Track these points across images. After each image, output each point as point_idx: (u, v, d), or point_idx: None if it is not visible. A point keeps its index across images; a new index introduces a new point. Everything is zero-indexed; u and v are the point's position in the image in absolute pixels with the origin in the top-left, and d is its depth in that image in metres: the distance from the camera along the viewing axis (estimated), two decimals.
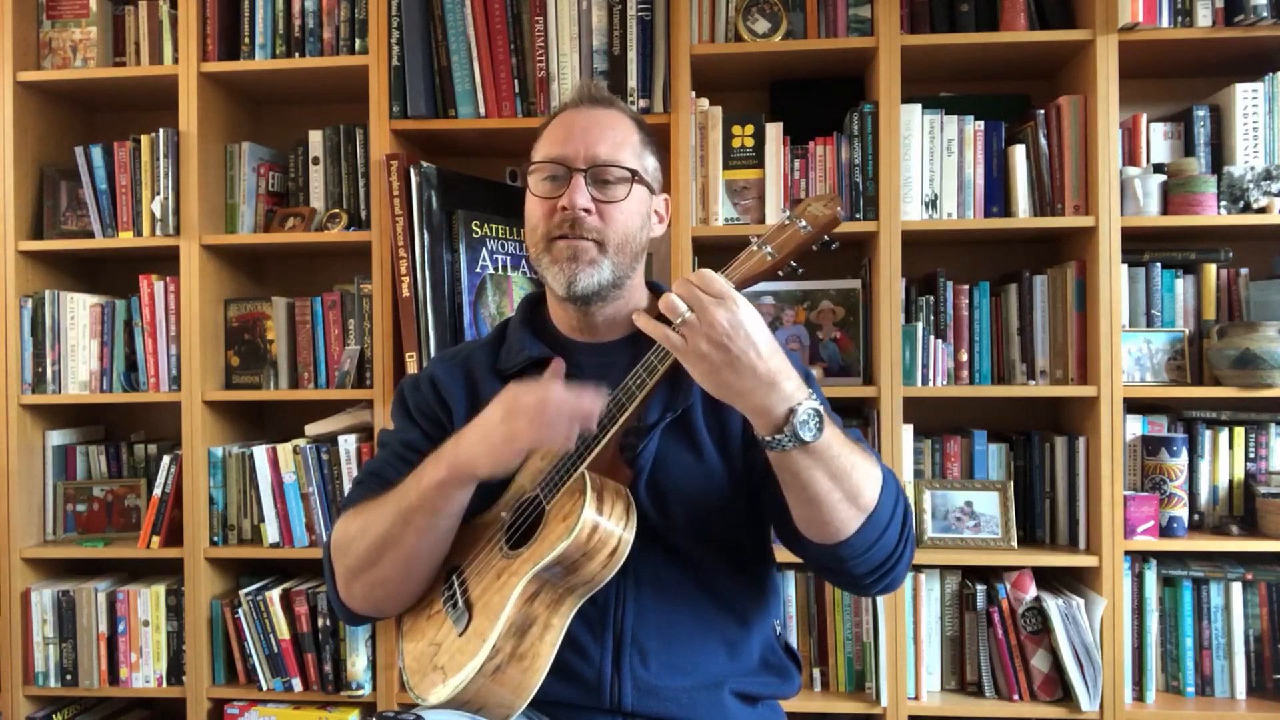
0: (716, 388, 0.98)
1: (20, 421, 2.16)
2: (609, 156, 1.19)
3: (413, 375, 1.34)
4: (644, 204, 1.23)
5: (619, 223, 1.19)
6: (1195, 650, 1.97)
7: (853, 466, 1.02)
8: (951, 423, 2.16)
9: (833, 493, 1.01)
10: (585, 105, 1.24)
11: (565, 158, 1.19)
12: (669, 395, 1.16)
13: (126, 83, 2.20)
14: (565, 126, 1.22)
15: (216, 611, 2.12)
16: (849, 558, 1.06)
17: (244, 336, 2.19)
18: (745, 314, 0.95)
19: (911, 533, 1.12)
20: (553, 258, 1.19)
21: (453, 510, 1.11)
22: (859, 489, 1.03)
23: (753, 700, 1.21)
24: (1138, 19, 1.89)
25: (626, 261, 1.21)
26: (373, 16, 2.05)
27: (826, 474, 1.00)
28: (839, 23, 2.02)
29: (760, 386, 0.96)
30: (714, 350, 0.94)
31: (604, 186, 1.19)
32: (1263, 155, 1.96)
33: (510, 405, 1.03)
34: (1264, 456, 1.99)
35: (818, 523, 1.04)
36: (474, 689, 1.07)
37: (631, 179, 1.20)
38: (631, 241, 1.21)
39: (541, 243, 1.20)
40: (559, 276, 1.19)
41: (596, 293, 1.19)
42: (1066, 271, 1.99)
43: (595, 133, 1.20)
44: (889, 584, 1.12)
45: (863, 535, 1.05)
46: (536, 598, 1.08)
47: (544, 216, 1.20)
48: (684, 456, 1.18)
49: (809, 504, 1.03)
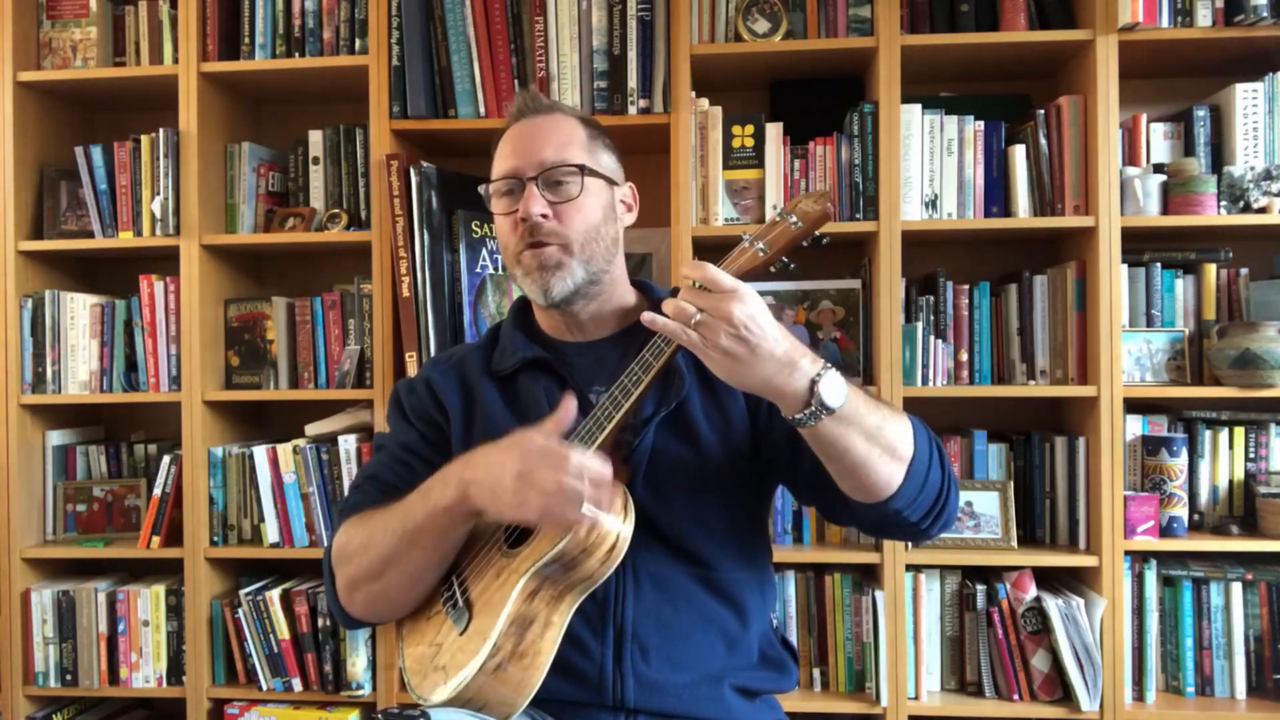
0: (740, 379, 0.99)
1: (20, 421, 2.16)
2: (555, 158, 1.21)
3: (407, 379, 1.35)
4: (602, 196, 1.24)
5: (578, 221, 1.20)
6: (1195, 650, 1.97)
7: (883, 421, 1.03)
8: (951, 423, 2.16)
9: (871, 451, 1.02)
10: (527, 116, 1.26)
11: (516, 170, 1.22)
12: (662, 389, 1.17)
13: (126, 83, 2.20)
14: (511, 140, 1.25)
15: (216, 611, 2.12)
16: (903, 508, 1.07)
17: (244, 336, 2.19)
18: (755, 304, 0.96)
19: (950, 468, 1.13)
20: (524, 270, 1.21)
21: (461, 532, 1.12)
22: (894, 441, 1.04)
23: (752, 694, 1.22)
24: (1138, 19, 1.89)
25: (598, 257, 1.22)
26: (373, 16, 2.05)
27: (861, 434, 1.01)
28: (839, 23, 2.02)
29: (781, 369, 0.97)
30: (736, 344, 0.95)
31: (556, 188, 1.21)
32: (1263, 155, 1.96)
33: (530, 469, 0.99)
34: (1264, 456, 1.99)
35: (865, 485, 1.05)
36: (475, 688, 1.07)
37: (581, 174, 1.21)
38: (597, 237, 1.22)
39: (512, 258, 1.23)
40: (533, 287, 1.21)
41: (575, 293, 1.21)
42: (1066, 271, 1.99)
43: (540, 139, 1.22)
44: (945, 522, 1.13)
45: (910, 483, 1.06)
46: (536, 595, 1.08)
47: (510, 232, 1.22)
48: (680, 450, 1.18)
49: (853, 470, 1.04)
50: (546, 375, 1.24)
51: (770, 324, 0.96)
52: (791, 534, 2.06)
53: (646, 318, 1.00)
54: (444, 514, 1.07)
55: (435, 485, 1.09)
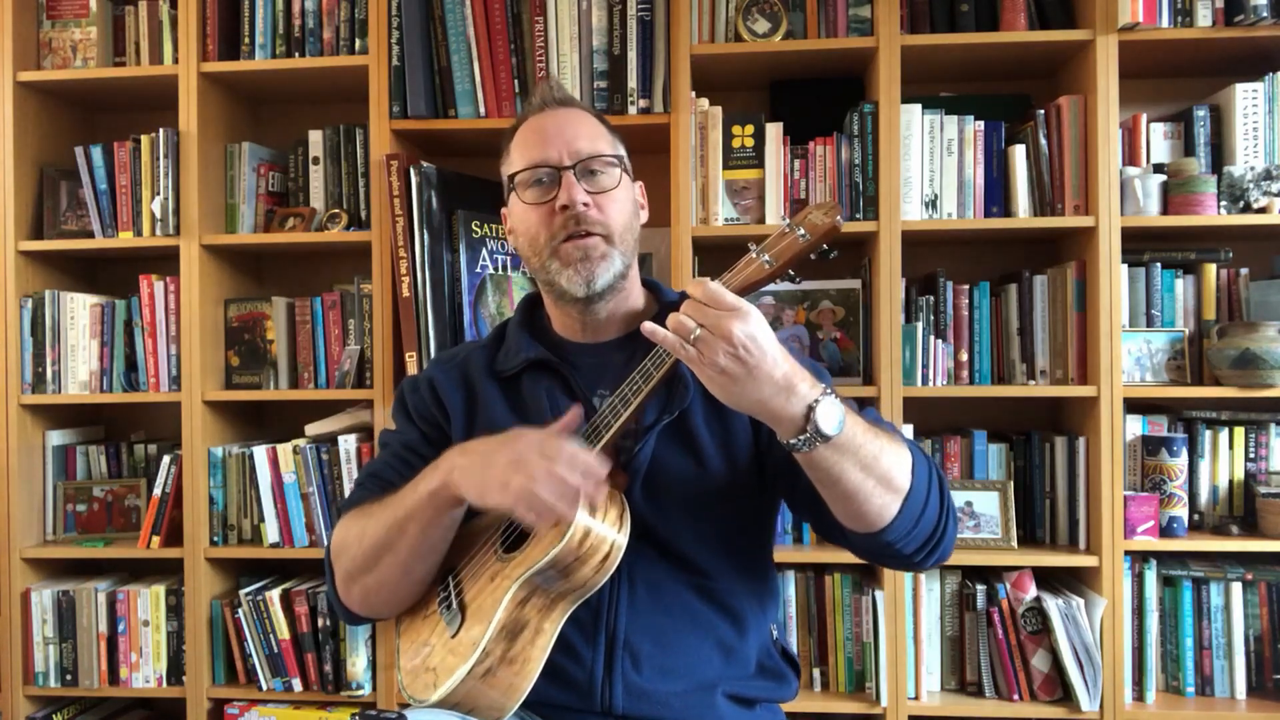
0: (735, 399, 0.97)
1: (20, 421, 2.16)
2: (591, 149, 1.20)
3: (412, 377, 1.34)
4: (631, 191, 1.25)
5: (616, 211, 1.20)
6: (1195, 650, 1.97)
7: (880, 451, 1.01)
8: (951, 423, 2.16)
9: (866, 482, 1.01)
10: (550, 107, 1.24)
11: (549, 159, 1.19)
12: (665, 398, 1.16)
13: (126, 83, 2.20)
14: (538, 130, 1.22)
15: (216, 611, 2.12)
16: (895, 541, 1.05)
17: (244, 336, 2.19)
18: (757, 324, 0.94)
19: (951, 502, 1.11)
20: (563, 261, 1.18)
21: (445, 520, 1.11)
22: (890, 473, 1.02)
23: (749, 703, 1.20)
24: (1138, 19, 1.89)
25: (630, 250, 1.22)
26: (373, 16, 2.05)
27: (856, 465, 0.99)
28: (839, 23, 2.02)
29: (779, 393, 0.96)
30: (732, 363, 0.94)
31: (593, 178, 1.19)
32: (1263, 155, 1.96)
33: (522, 455, 0.99)
34: (1264, 456, 1.99)
35: (858, 514, 1.04)
36: (464, 691, 1.07)
37: (619, 165, 1.21)
38: (631, 228, 1.22)
39: (546, 249, 1.19)
40: (574, 279, 1.18)
41: (611, 286, 1.20)
42: (1066, 271, 1.99)
43: (571, 129, 1.20)
44: (940, 555, 1.12)
45: (904, 517, 1.04)
46: (528, 602, 1.08)
47: (543, 222, 1.19)
48: (681, 459, 1.17)
49: (846, 498, 1.02)
50: (550, 377, 1.23)
51: (771, 345, 0.95)
52: (791, 534, 2.06)
53: (646, 328, 0.99)
54: (429, 499, 1.07)
55: (426, 473, 1.10)
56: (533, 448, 0.99)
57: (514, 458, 0.99)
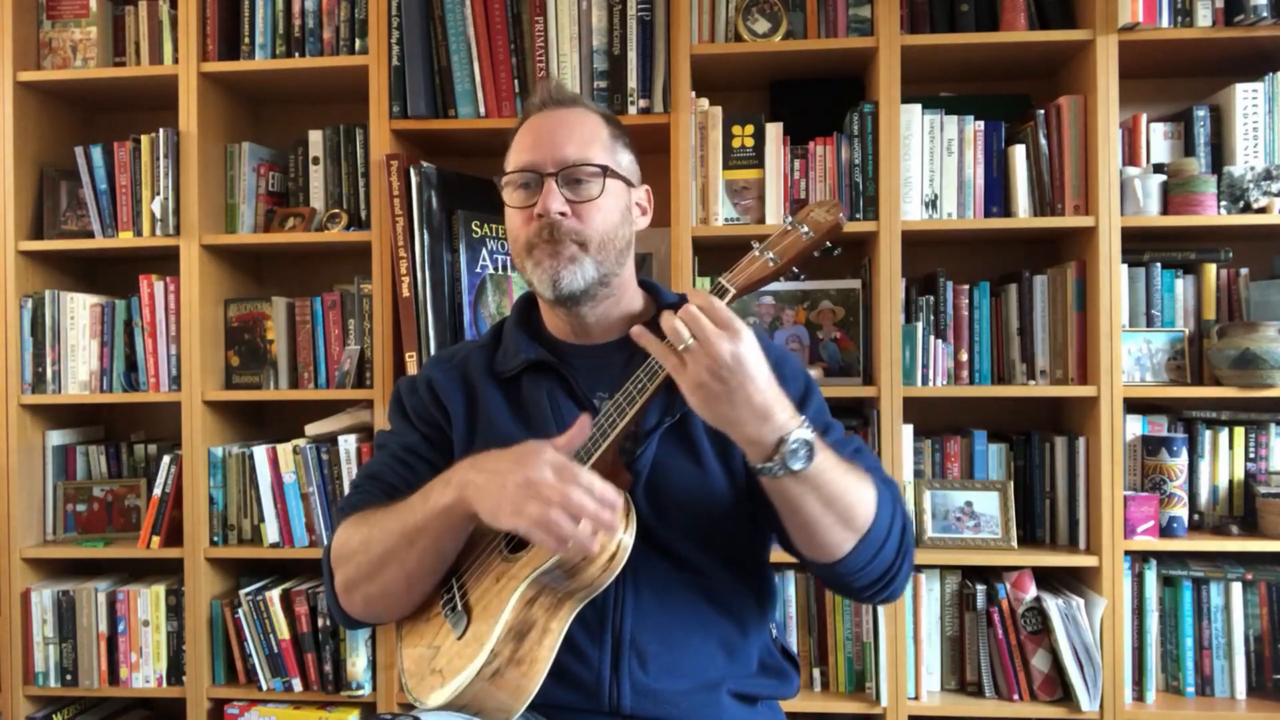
0: (710, 414, 0.99)
1: (20, 421, 2.16)
2: (578, 156, 1.18)
3: (409, 377, 1.33)
4: (621, 199, 1.22)
5: (596, 221, 1.18)
6: (1195, 650, 1.97)
7: (845, 490, 1.03)
8: (951, 423, 2.16)
9: (824, 516, 1.03)
10: (549, 108, 1.23)
11: (534, 164, 1.19)
12: (667, 400, 1.15)
13: (126, 83, 2.19)
14: (532, 132, 1.21)
15: (216, 611, 2.12)
16: (845, 574, 1.09)
17: (244, 336, 2.19)
18: (747, 347, 0.94)
19: (910, 547, 1.13)
20: (534, 260, 1.19)
21: (459, 535, 1.10)
22: (851, 512, 1.05)
23: (751, 700, 1.21)
24: (1138, 19, 1.89)
25: (611, 259, 1.20)
26: (373, 16, 2.05)
27: (818, 500, 1.02)
28: (839, 23, 2.02)
29: (754, 418, 0.97)
30: (713, 381, 0.95)
31: (576, 186, 1.18)
32: (1263, 155, 1.96)
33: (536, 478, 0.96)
34: (1264, 456, 1.99)
35: (812, 543, 1.07)
36: (472, 692, 1.06)
37: (604, 175, 1.19)
38: (614, 239, 1.20)
39: (523, 251, 1.20)
40: (543, 277, 1.18)
41: (584, 291, 1.18)
42: (1066, 271, 1.99)
43: (562, 133, 1.19)
44: (888, 595, 1.14)
45: (857, 554, 1.07)
46: (535, 602, 1.08)
47: (522, 225, 1.20)
48: (682, 461, 1.17)
49: (802, 527, 1.05)
50: (550, 378, 1.22)
51: (758, 370, 0.95)
52: None
53: (635, 332, 0.99)
54: (441, 514, 1.06)
55: (436, 485, 1.08)
56: (546, 470, 0.96)
57: (528, 479, 0.96)
